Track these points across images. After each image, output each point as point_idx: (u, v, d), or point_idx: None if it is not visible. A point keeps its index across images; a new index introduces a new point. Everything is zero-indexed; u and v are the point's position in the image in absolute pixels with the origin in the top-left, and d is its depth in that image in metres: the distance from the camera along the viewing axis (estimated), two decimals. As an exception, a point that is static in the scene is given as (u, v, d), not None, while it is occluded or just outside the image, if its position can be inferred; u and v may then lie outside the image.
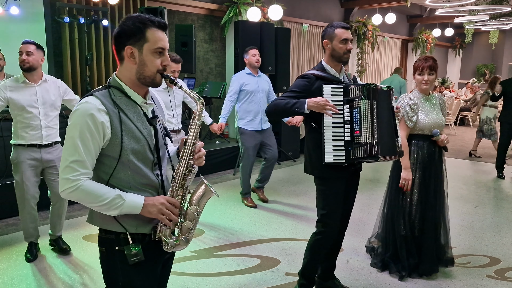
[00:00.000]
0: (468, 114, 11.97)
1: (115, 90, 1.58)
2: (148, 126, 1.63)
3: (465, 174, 6.57)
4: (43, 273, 3.30)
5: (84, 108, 1.50)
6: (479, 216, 4.72)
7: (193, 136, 1.65)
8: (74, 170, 1.48)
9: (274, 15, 7.85)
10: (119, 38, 1.56)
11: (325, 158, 2.60)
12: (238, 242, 3.95)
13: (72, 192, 1.49)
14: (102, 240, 1.64)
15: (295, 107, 2.56)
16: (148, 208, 1.56)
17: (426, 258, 3.26)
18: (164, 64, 1.59)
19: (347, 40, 2.65)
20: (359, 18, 11.69)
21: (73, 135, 1.49)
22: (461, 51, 17.40)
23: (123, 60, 1.58)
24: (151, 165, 1.64)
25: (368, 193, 5.51)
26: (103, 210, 1.52)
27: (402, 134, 3.15)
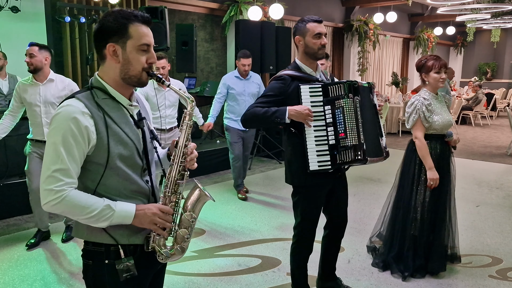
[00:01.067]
0: (470, 113, 11.95)
1: (98, 92, 1.47)
2: (135, 129, 1.52)
3: (467, 173, 6.55)
4: (44, 274, 3.30)
5: (67, 112, 1.38)
6: (481, 216, 4.70)
7: (185, 137, 1.56)
8: (57, 180, 1.35)
9: (275, 14, 7.84)
10: (100, 35, 1.45)
11: (309, 166, 2.41)
12: (239, 242, 3.94)
13: (56, 204, 1.35)
14: (89, 252, 1.50)
15: (275, 116, 2.38)
16: (140, 218, 1.46)
17: (435, 256, 3.24)
18: (150, 62, 1.48)
19: (320, 35, 2.47)
20: (360, 16, 11.67)
21: (55, 141, 1.36)
22: (462, 49, 17.37)
23: (105, 59, 1.46)
24: (140, 171, 1.53)
25: (369, 193, 5.49)
26: (91, 222, 1.40)
27: (419, 135, 3.13)
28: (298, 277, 2.83)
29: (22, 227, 4.21)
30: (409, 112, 3.18)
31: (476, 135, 10.35)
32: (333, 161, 2.42)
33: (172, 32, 7.31)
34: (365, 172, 6.29)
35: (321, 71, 2.65)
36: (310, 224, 2.69)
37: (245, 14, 7.85)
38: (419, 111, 3.12)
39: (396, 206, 3.35)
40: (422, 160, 3.14)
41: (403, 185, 3.30)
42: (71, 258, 3.55)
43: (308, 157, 2.42)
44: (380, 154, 2.56)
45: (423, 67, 3.17)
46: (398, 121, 10.31)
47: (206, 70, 8.50)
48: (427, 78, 3.17)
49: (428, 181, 3.12)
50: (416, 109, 3.13)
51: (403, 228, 3.27)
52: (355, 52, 12.00)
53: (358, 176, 6.14)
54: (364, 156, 2.41)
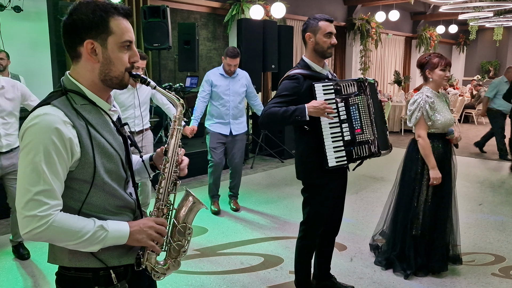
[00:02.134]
0: (472, 112, 11.92)
1: (75, 96, 1.26)
2: (118, 137, 1.35)
3: (470, 172, 6.54)
4: (50, 270, 3.31)
5: (46, 122, 1.17)
6: (483, 214, 4.69)
7: (176, 143, 1.41)
8: (41, 204, 1.15)
9: (277, 13, 7.84)
10: (73, 30, 1.24)
11: (328, 162, 2.45)
12: (241, 240, 3.94)
13: (41, 232, 1.16)
14: (69, 280, 1.29)
15: (295, 115, 2.38)
16: (136, 235, 1.29)
17: (436, 256, 3.23)
18: (133, 61, 1.30)
19: (331, 34, 2.50)
20: (362, 15, 11.65)
21: (34, 158, 1.16)
22: (465, 48, 17.31)
23: (80, 57, 1.26)
24: (123, 183, 1.36)
25: (371, 191, 5.49)
26: (81, 247, 1.22)
27: (422, 133, 3.11)
28: (301, 273, 2.85)
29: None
30: (411, 109, 3.15)
31: (478, 134, 10.31)
32: (349, 156, 2.49)
33: (174, 31, 7.32)
34: (367, 170, 6.28)
35: (328, 69, 2.67)
36: (319, 220, 2.71)
37: (247, 13, 7.86)
38: (422, 109, 3.08)
39: (398, 205, 3.34)
40: (425, 159, 3.12)
41: (404, 184, 3.29)
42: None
43: (326, 154, 2.45)
44: (387, 147, 2.68)
45: (428, 64, 3.12)
46: (400, 120, 10.29)
47: (209, 69, 8.39)
48: (431, 75, 3.13)
49: (431, 180, 3.10)
50: (419, 107, 3.09)
51: (404, 227, 3.26)
52: (357, 50, 11.98)
53: (361, 174, 6.13)
54: (379, 150, 2.53)
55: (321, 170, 2.51)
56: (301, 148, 2.62)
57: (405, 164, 3.33)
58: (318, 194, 2.64)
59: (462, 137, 9.70)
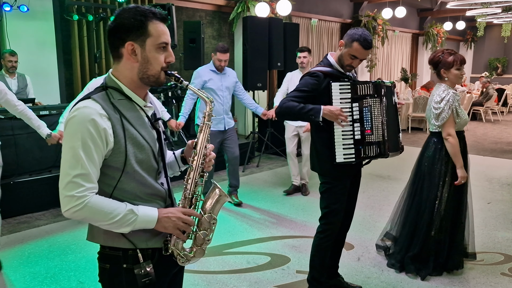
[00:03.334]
0: (480, 109, 11.82)
1: (114, 92, 1.42)
2: (151, 131, 1.49)
3: (478, 170, 6.48)
4: (54, 271, 3.32)
5: (84, 114, 1.33)
6: (492, 213, 4.65)
7: (204, 138, 1.55)
8: (78, 186, 1.31)
9: (282, 10, 7.80)
10: (116, 33, 1.39)
11: (335, 158, 2.57)
12: (248, 239, 3.93)
13: (78, 211, 1.32)
14: (105, 256, 1.47)
15: (310, 114, 2.50)
16: (163, 223, 1.42)
17: (456, 255, 3.21)
18: (168, 61, 1.44)
19: (356, 58, 2.56)
20: (368, 12, 11.57)
21: (73, 145, 1.32)
22: (473, 44, 17.16)
23: (121, 57, 1.42)
24: (155, 174, 1.50)
25: (379, 190, 5.46)
26: (113, 228, 1.37)
27: (453, 132, 3.04)
28: (317, 268, 2.85)
29: (33, 225, 4.24)
30: (440, 108, 3.01)
31: (486, 131, 10.24)
32: (357, 154, 2.58)
33: (180, 29, 7.32)
34: (374, 169, 6.24)
35: None
36: (337, 214, 2.76)
37: (252, 10, 7.83)
38: (452, 106, 3.00)
39: (417, 207, 3.23)
40: (453, 158, 3.04)
41: (423, 185, 3.19)
42: (80, 256, 3.56)
43: (335, 150, 2.57)
44: (397, 149, 2.75)
45: (442, 63, 3.05)
46: (407, 118, 10.23)
47: (214, 67, 8.48)
48: (446, 74, 3.06)
49: (459, 180, 3.05)
50: (449, 104, 2.99)
51: (427, 229, 3.16)
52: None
53: (368, 173, 6.09)
54: (386, 152, 2.61)
55: (331, 163, 2.62)
56: (315, 142, 2.75)
57: (424, 164, 3.21)
58: (335, 187, 2.71)
59: (470, 135, 9.65)
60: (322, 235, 2.80)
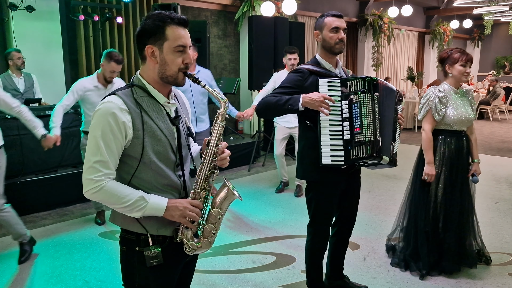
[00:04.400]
0: (488, 108, 11.73)
1: (138, 89, 1.58)
2: (170, 126, 1.61)
3: (485, 169, 6.38)
4: (60, 270, 3.33)
5: (106, 107, 1.49)
6: (499, 212, 4.60)
7: (216, 137, 1.64)
8: (97, 171, 1.48)
9: (288, 10, 7.78)
10: (140, 38, 1.55)
11: (322, 159, 2.37)
12: (253, 239, 3.92)
13: (96, 192, 1.48)
14: (123, 239, 1.64)
15: (288, 104, 2.34)
16: (171, 211, 1.55)
17: (447, 256, 3.18)
18: (186, 62, 1.56)
19: (338, 29, 2.43)
20: (374, 11, 11.52)
21: (95, 134, 1.48)
22: (480, 43, 17.02)
23: (145, 59, 1.57)
24: (173, 166, 1.62)
25: (385, 190, 5.42)
26: (126, 211, 1.52)
27: (427, 127, 3.12)
28: (313, 275, 2.80)
29: (38, 224, 4.25)
30: (422, 103, 3.18)
31: (493, 130, 10.16)
32: (346, 156, 2.37)
33: (185, 29, 7.31)
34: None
35: (341, 68, 2.61)
36: (324, 221, 2.65)
37: (258, 10, 7.81)
38: (431, 103, 3.09)
39: (412, 201, 3.30)
40: (424, 152, 3.13)
41: (417, 181, 3.24)
42: (86, 255, 3.57)
43: (322, 150, 2.38)
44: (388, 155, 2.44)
45: (448, 58, 3.07)
46: (413, 117, 10.17)
47: (220, 67, 8.49)
48: (451, 69, 3.07)
49: (423, 175, 3.09)
50: (428, 101, 3.11)
51: (415, 224, 3.22)
52: (370, 47, 11.86)
53: (373, 172, 6.06)
54: (379, 154, 2.35)
55: (318, 167, 2.43)
56: (301, 144, 2.59)
57: (417, 160, 3.29)
58: (321, 192, 2.57)
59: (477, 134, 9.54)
60: (311, 242, 2.71)
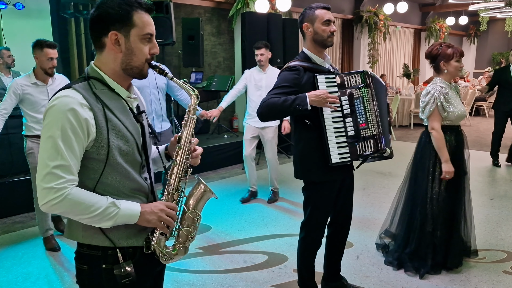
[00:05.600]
0: (484, 104, 11.69)
1: (96, 82, 1.37)
2: (135, 123, 1.44)
3: (481, 166, 6.38)
4: (48, 271, 3.27)
5: (64, 103, 1.28)
6: (495, 209, 4.56)
7: (189, 132, 1.50)
8: (58, 177, 1.25)
9: (282, 6, 7.71)
10: (99, 22, 1.35)
11: (331, 159, 2.34)
12: (245, 238, 3.87)
13: (57, 203, 1.25)
14: (83, 256, 1.40)
15: (296, 104, 2.25)
16: (146, 216, 1.37)
17: (454, 252, 3.14)
18: (153, 52, 1.41)
19: (330, 21, 2.41)
20: (370, 7, 11.47)
21: (52, 134, 1.26)
22: (476, 39, 16.98)
23: (104, 47, 1.38)
24: (139, 168, 1.45)
25: (379, 187, 5.38)
26: (94, 222, 1.31)
27: (436, 125, 3.00)
28: (305, 274, 2.75)
29: (27, 225, 4.19)
30: (425, 101, 3.03)
31: (489, 127, 10.10)
32: (353, 152, 2.35)
33: (178, 26, 7.24)
34: (374, 165, 6.16)
35: (329, 62, 2.56)
36: (321, 220, 2.61)
37: (252, 6, 7.74)
38: (436, 100, 2.98)
39: (412, 201, 3.21)
40: (438, 152, 3.01)
41: (416, 179, 3.17)
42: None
43: (330, 150, 2.33)
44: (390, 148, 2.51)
45: (441, 55, 3.01)
46: (409, 114, 10.13)
47: (214, 65, 8.42)
48: (446, 66, 3.02)
49: (443, 174, 3.00)
50: (433, 98, 2.98)
51: (421, 224, 3.12)
52: (365, 43, 11.80)
53: (368, 169, 6.01)
54: (383, 147, 2.36)
55: (321, 167, 2.40)
56: (301, 145, 2.50)
57: (416, 158, 3.21)
58: (319, 192, 2.54)
59: (473, 130, 9.53)
60: (305, 241, 2.66)
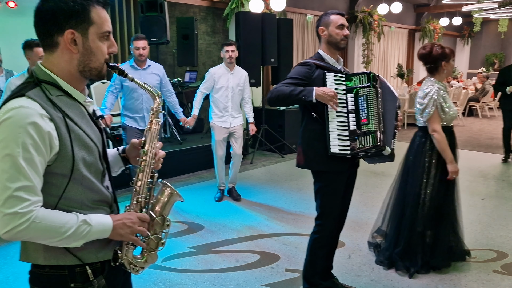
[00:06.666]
0: (477, 105, 11.77)
1: (49, 87, 1.22)
2: (96, 130, 1.33)
3: (473, 166, 6.43)
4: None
5: (22, 115, 1.12)
6: (486, 209, 4.60)
7: (154, 136, 1.42)
8: (22, 200, 1.11)
9: (276, 6, 7.71)
10: (52, 18, 1.19)
11: (330, 148, 2.50)
12: (237, 237, 3.88)
13: (23, 230, 1.11)
14: (44, 278, 1.25)
15: (302, 94, 2.44)
16: (119, 230, 1.28)
17: (438, 252, 3.16)
18: (111, 51, 1.30)
19: (343, 26, 2.59)
20: (364, 8, 11.50)
21: (11, 152, 1.11)
22: (469, 40, 17.08)
23: (56, 47, 1.22)
24: (100, 176, 1.33)
25: (371, 187, 5.40)
26: (64, 243, 1.20)
27: (438, 127, 3.01)
28: (310, 270, 2.79)
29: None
30: (424, 103, 3.01)
31: (483, 127, 10.20)
32: (352, 146, 2.49)
33: (173, 25, 7.23)
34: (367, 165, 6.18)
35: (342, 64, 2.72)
36: (333, 211, 2.69)
37: (246, 6, 7.74)
38: (436, 102, 2.98)
39: (402, 201, 3.23)
40: (442, 153, 3.02)
41: (409, 179, 3.18)
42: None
43: (330, 140, 2.49)
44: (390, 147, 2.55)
45: (442, 55, 3.03)
46: (403, 113, 10.17)
47: (208, 64, 8.41)
48: (446, 66, 3.05)
49: (450, 175, 3.02)
50: (432, 100, 2.98)
51: (411, 224, 3.14)
52: (360, 44, 11.84)
53: (361, 169, 5.97)
54: (383, 144, 2.46)
55: (323, 157, 2.55)
56: (307, 135, 2.65)
57: (409, 159, 3.22)
58: (327, 186, 2.64)
59: (466, 130, 9.60)
60: (316, 235, 2.75)
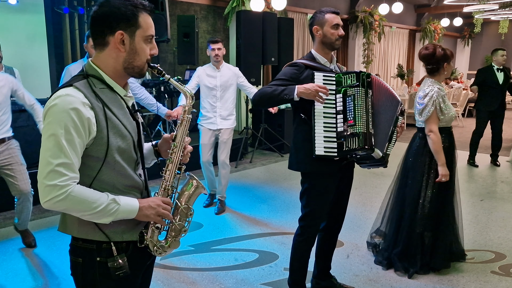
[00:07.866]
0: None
1: (95, 80, 1.41)
2: (132, 121, 1.49)
3: (472, 166, 6.44)
4: (38, 268, 3.27)
5: (67, 102, 1.31)
6: (484, 210, 4.61)
7: (184, 131, 1.57)
8: (61, 175, 1.29)
9: (277, 5, 7.72)
10: (105, 21, 1.38)
11: (315, 150, 2.43)
12: (237, 236, 3.89)
13: (61, 201, 1.29)
14: (78, 249, 1.45)
15: (284, 94, 2.39)
16: (144, 211, 1.43)
17: (438, 253, 3.16)
18: (152, 53, 1.46)
19: (338, 25, 2.52)
20: (365, 7, 11.50)
21: (55, 133, 1.29)
22: (470, 41, 17.09)
23: (106, 46, 1.41)
24: (134, 164, 1.50)
25: (370, 187, 5.41)
26: (95, 218, 1.36)
27: (435, 128, 3.00)
28: (297, 273, 2.75)
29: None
30: (423, 103, 3.01)
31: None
32: (339, 148, 2.42)
33: (174, 23, 7.24)
34: (367, 165, 6.20)
35: (336, 64, 2.66)
36: (318, 214, 2.64)
37: (247, 5, 7.74)
38: (435, 102, 2.98)
39: (401, 202, 3.23)
40: (435, 155, 3.01)
41: (407, 181, 3.18)
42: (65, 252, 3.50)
43: (315, 141, 2.44)
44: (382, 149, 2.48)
45: (445, 56, 3.02)
46: (403, 114, 10.18)
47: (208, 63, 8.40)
48: (447, 67, 3.06)
49: (439, 177, 3.01)
50: (432, 100, 2.98)
51: (410, 224, 3.14)
52: (360, 44, 11.84)
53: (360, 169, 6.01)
54: (371, 146, 2.38)
55: (310, 158, 2.49)
56: (296, 137, 2.61)
57: (409, 159, 3.21)
58: (314, 188, 2.58)
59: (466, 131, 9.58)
60: (300, 237, 2.69)
